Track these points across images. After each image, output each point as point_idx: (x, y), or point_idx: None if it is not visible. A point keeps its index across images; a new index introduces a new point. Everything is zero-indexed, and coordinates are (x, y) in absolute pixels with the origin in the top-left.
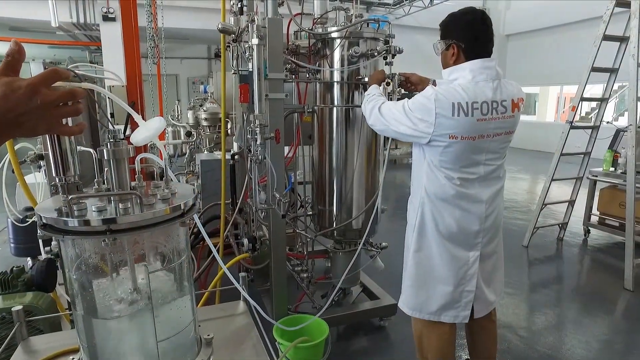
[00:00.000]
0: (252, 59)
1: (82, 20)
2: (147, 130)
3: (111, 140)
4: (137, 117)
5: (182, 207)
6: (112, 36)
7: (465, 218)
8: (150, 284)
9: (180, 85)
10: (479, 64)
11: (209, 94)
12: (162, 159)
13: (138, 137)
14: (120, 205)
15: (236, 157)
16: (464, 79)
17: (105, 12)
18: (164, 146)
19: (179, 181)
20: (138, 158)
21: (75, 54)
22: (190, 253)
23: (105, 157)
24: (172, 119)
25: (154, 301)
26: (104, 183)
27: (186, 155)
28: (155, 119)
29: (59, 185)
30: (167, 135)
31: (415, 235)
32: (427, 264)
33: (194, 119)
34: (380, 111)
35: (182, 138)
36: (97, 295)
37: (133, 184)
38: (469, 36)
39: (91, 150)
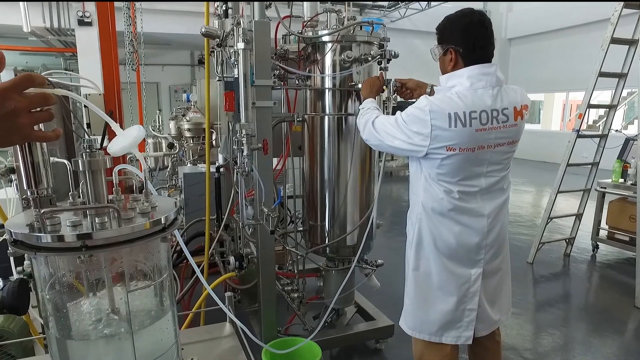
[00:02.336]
0: (237, 64)
1: (56, 25)
2: (125, 139)
3: (87, 150)
4: (114, 126)
5: (162, 222)
6: (88, 41)
7: (465, 234)
8: (129, 304)
9: (161, 94)
10: (477, 70)
11: (192, 103)
12: (141, 171)
13: (115, 146)
14: (97, 220)
15: (221, 169)
16: (462, 86)
17: (81, 16)
18: (145, 158)
19: (160, 195)
20: (116, 170)
21: (49, 61)
22: (172, 271)
23: (81, 169)
24: (153, 130)
25: (133, 323)
26: (79, 196)
27: (168, 169)
28: (134, 128)
29: (30, 198)
30: (147, 146)
31: (413, 252)
32: (426, 282)
33: (176, 130)
34: (373, 125)
35: (164, 150)
36: (72, 316)
37: (110, 197)
38: (466, 41)
39: (65, 161)
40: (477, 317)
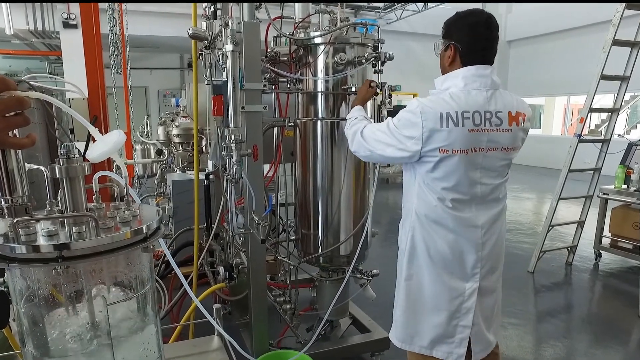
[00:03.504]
0: (226, 67)
1: (40, 27)
2: (104, 144)
3: (64, 156)
4: (93, 131)
5: (144, 231)
6: (73, 44)
7: (459, 244)
8: (110, 318)
9: (150, 99)
10: (472, 71)
11: (181, 108)
12: (126, 177)
13: (94, 152)
14: (75, 229)
15: (211, 176)
16: (456, 87)
17: (66, 19)
18: (133, 166)
19: (149, 203)
20: (96, 176)
21: (34, 64)
22: (155, 283)
23: (57, 175)
24: (141, 136)
25: (114, 337)
26: (57, 205)
27: (157, 176)
28: (114, 132)
29: (4, 207)
30: (135, 153)
31: (406, 262)
32: (418, 293)
33: (165, 136)
34: (362, 136)
35: (152, 157)
36: (49, 331)
37: (90, 205)
38: (467, 39)
39: (43, 168)
40: (474, 337)
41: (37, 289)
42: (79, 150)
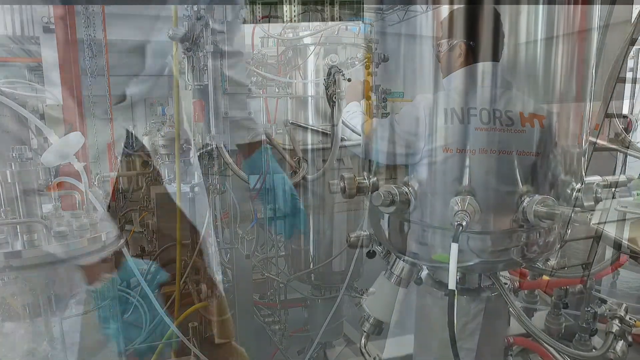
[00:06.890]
0: (207, 70)
1: (19, 32)
2: (61, 147)
3: (17, 160)
4: (47, 132)
5: (102, 239)
6: (55, 50)
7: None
8: (65, 333)
9: (136, 107)
10: (480, 68)
11: (168, 117)
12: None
13: (50, 156)
14: (25, 237)
15: (196, 188)
16: (463, 84)
17: (47, 23)
18: (117, 179)
19: (131, 219)
20: (55, 182)
21: (13, 72)
22: (117, 297)
23: (9, 180)
24: (126, 147)
25: (70, 354)
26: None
27: (142, 189)
28: (72, 135)
29: None
30: (118, 165)
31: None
32: (419, 310)
33: (151, 146)
34: (362, 132)
35: (138, 169)
36: (0, 347)
37: (49, 212)
38: (479, 36)
39: None
40: None
41: None
42: (38, 152)
